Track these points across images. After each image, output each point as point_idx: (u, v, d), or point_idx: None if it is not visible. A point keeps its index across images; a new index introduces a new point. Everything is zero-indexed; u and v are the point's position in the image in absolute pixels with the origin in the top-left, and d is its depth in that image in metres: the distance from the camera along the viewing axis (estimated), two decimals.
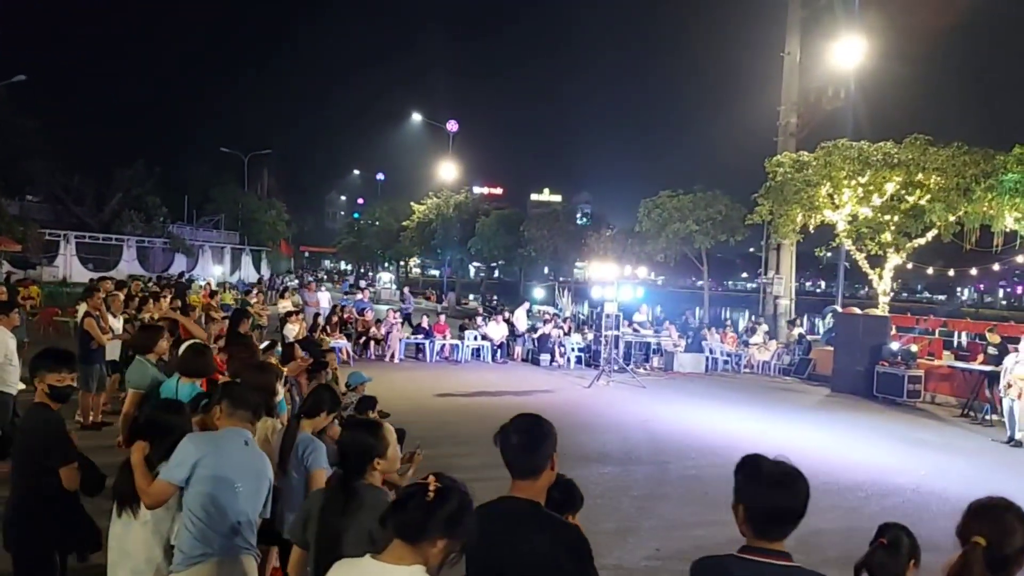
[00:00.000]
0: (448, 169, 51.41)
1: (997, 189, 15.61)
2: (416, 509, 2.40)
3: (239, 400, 3.96)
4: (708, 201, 25.60)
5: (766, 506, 2.58)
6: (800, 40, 25.64)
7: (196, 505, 3.67)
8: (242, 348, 6.18)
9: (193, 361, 5.89)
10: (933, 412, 16.39)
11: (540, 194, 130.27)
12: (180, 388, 5.76)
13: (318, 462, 4.53)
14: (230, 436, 3.84)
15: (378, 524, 2.99)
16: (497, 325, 21.45)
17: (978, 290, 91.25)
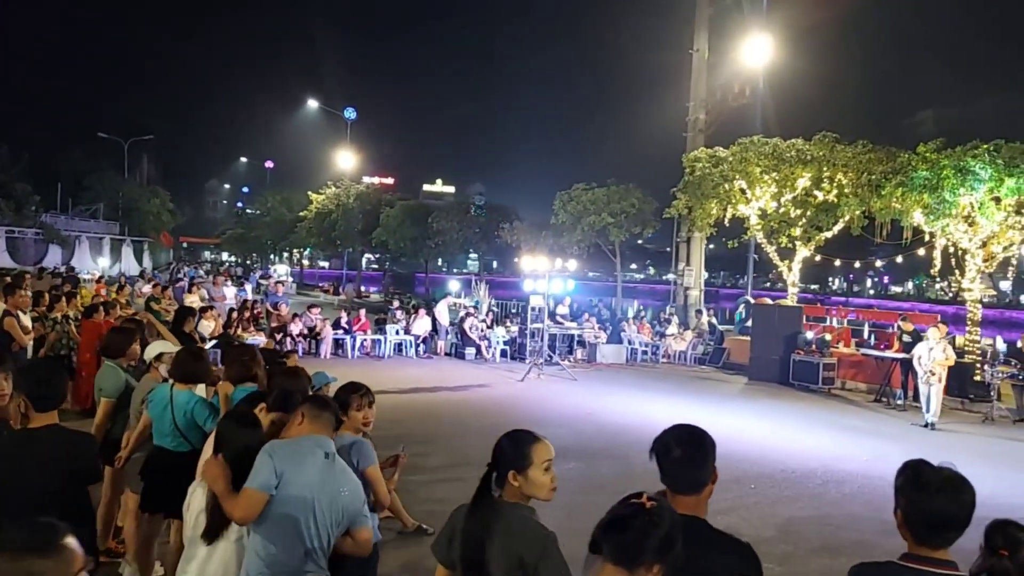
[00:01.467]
0: (346, 158, 50.22)
1: (908, 186, 16.50)
2: (636, 530, 2.22)
3: (323, 404, 3.64)
4: (621, 195, 26.01)
5: (927, 512, 2.55)
6: (708, 37, 26.38)
7: (269, 526, 3.35)
8: (241, 351, 5.73)
9: (190, 366, 5.43)
10: (848, 398, 17.24)
11: (433, 185, 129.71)
12: (176, 396, 5.30)
13: (369, 459, 4.28)
14: (310, 447, 3.47)
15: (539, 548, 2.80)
16: (420, 319, 21.09)
17: (848, 280, 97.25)
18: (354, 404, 4.44)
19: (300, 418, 3.56)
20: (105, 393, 6.02)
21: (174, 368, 5.43)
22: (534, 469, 2.96)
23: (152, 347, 6.13)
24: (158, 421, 5.34)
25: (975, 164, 15.56)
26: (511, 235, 30.48)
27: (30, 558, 1.69)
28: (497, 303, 27.38)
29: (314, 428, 3.53)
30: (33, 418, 3.81)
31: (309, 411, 3.57)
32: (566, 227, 26.65)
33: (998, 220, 15.92)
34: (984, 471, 10.83)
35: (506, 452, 2.99)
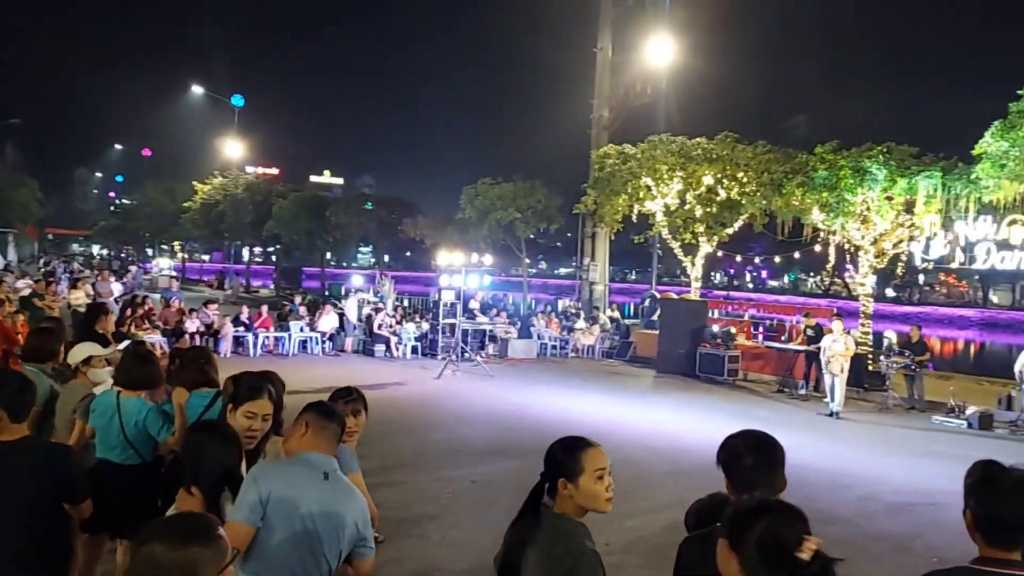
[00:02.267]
0: (234, 147, 48.18)
1: (808, 185, 17.20)
2: None
3: (329, 414, 3.25)
4: (527, 191, 26.04)
5: (998, 514, 2.55)
6: (612, 36, 26.72)
7: (257, 563, 2.95)
8: (196, 353, 5.28)
9: (139, 370, 4.96)
10: (753, 389, 17.84)
11: (320, 176, 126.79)
12: (125, 404, 4.83)
13: (351, 465, 4.00)
14: (306, 468, 3.06)
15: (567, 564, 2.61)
16: (327, 316, 20.45)
17: (728, 275, 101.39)
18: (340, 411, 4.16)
19: (303, 429, 3.17)
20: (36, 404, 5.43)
21: (121, 373, 4.94)
22: (585, 477, 2.75)
23: (78, 349, 5.57)
24: (103, 432, 4.85)
25: (871, 165, 16.38)
26: (414, 229, 30.03)
27: (193, 547, 1.77)
28: (398, 298, 26.93)
29: (316, 443, 3.15)
30: (8, 430, 3.38)
31: (314, 421, 3.17)
32: (472, 222, 26.46)
33: (890, 219, 16.81)
34: (894, 459, 11.45)
35: (557, 458, 2.79)
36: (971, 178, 15.34)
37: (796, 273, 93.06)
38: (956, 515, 2.52)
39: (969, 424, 14.11)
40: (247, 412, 3.61)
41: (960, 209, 15.90)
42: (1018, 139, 14.19)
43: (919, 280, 78.88)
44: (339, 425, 3.23)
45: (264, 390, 3.69)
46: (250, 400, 3.64)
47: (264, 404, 3.66)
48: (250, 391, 3.67)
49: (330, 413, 3.28)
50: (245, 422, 3.60)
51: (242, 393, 3.68)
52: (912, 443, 12.56)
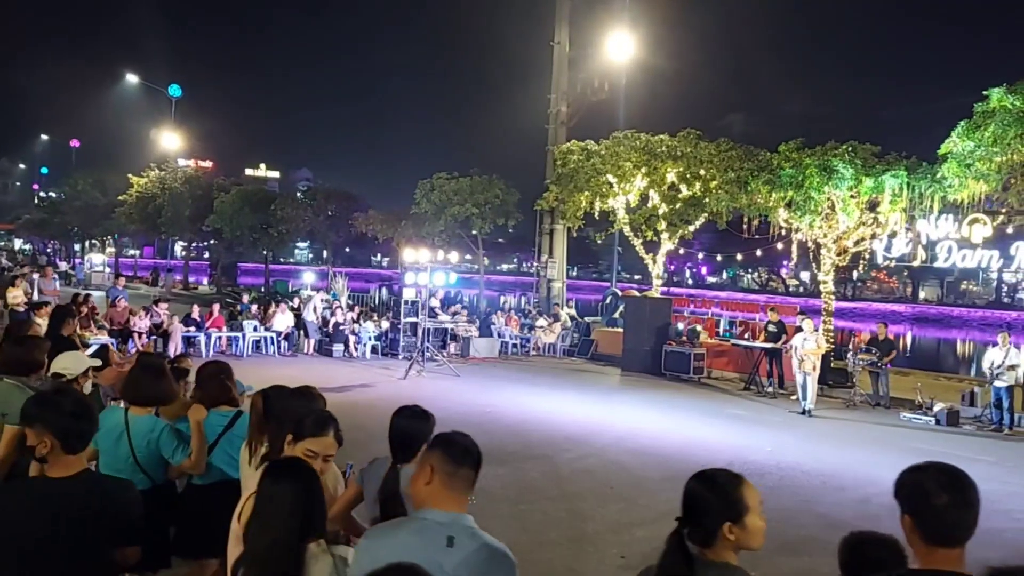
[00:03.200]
0: (171, 138, 46.45)
1: (775, 183, 17.24)
2: None
3: (462, 455, 2.56)
4: (484, 185, 25.62)
5: None
6: (569, 30, 26.48)
7: None
8: (215, 367, 4.76)
9: (150, 385, 4.46)
10: (720, 387, 17.82)
11: (256, 169, 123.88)
12: (135, 423, 4.32)
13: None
14: (423, 533, 2.43)
15: None
16: (282, 315, 19.71)
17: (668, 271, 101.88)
18: None
19: (428, 474, 2.53)
20: (12, 419, 4.85)
21: (130, 388, 4.43)
22: (751, 515, 2.41)
23: (65, 359, 4.99)
24: (110, 453, 4.32)
25: (838, 163, 16.48)
26: (366, 224, 29.31)
27: None
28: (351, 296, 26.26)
29: (443, 494, 2.51)
30: (61, 462, 2.87)
31: (442, 465, 2.53)
32: (428, 217, 25.92)
33: (856, 217, 16.97)
34: (877, 458, 11.45)
35: (710, 501, 2.41)
36: (936, 177, 15.55)
37: (735, 270, 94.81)
38: None
39: (937, 420, 14.30)
40: (308, 450, 3.17)
41: (924, 208, 16.11)
42: (983, 139, 14.41)
43: (853, 276, 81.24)
44: (472, 467, 2.59)
45: (331, 425, 3.25)
46: (314, 436, 3.19)
47: (329, 442, 3.22)
48: (316, 425, 3.22)
49: (462, 454, 2.59)
50: (297, 449, 3.18)
51: (306, 427, 3.22)
52: (889, 441, 12.61)
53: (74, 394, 3.07)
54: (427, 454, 2.63)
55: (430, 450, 2.64)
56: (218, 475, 4.46)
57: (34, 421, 2.92)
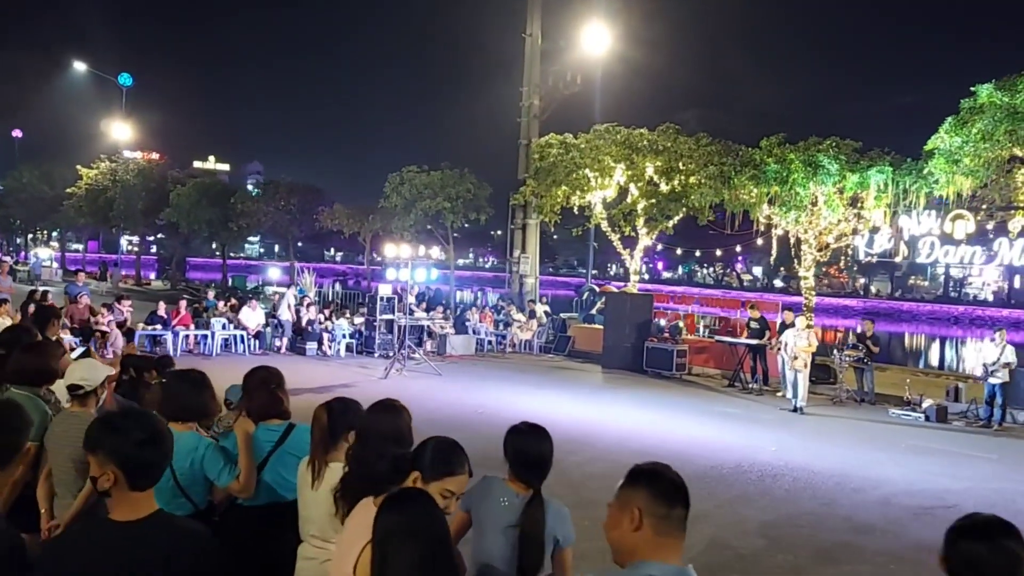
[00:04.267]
0: (121, 129, 44.75)
1: (761, 178, 17.11)
2: None
3: (673, 491, 2.18)
4: (455, 179, 25.12)
5: None
6: (541, 23, 26.09)
7: None
8: (265, 375, 4.26)
9: (190, 397, 3.96)
10: (705, 384, 17.64)
11: (205, 162, 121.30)
12: (175, 440, 3.79)
13: (570, 537, 3.20)
14: None
15: None
16: (252, 312, 18.97)
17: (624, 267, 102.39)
18: None
19: (636, 518, 2.12)
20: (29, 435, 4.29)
21: (169, 402, 3.91)
22: None
23: (81, 369, 4.44)
24: None
25: (823, 158, 16.40)
26: (332, 218, 28.56)
27: None
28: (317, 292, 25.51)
29: (663, 540, 2.13)
30: (127, 501, 2.36)
31: (651, 506, 2.13)
32: (398, 211, 25.32)
33: (840, 213, 16.93)
34: (879, 455, 11.32)
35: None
36: (923, 173, 15.56)
37: (691, 265, 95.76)
38: None
39: (927, 417, 14.30)
40: (446, 490, 2.72)
41: (909, 203, 16.13)
42: (971, 135, 14.43)
43: None
44: (685, 505, 2.19)
45: (466, 461, 2.82)
46: (450, 475, 2.75)
47: (464, 480, 2.79)
48: (455, 462, 2.77)
49: (673, 491, 2.18)
50: (441, 502, 2.71)
51: (438, 464, 2.76)
52: (887, 438, 12.51)
53: (146, 418, 2.56)
54: (629, 493, 2.20)
55: (631, 487, 2.21)
56: (267, 497, 3.96)
57: (97, 448, 2.41)
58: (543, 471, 3.21)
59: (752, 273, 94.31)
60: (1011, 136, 13.91)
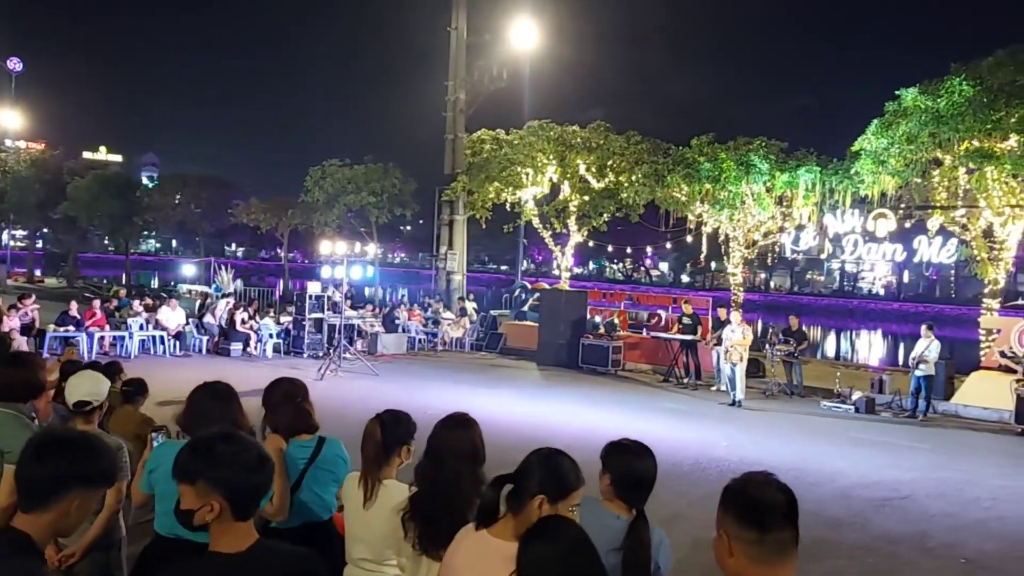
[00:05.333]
0: (11, 117, 41.86)
1: (693, 177, 17.37)
2: None
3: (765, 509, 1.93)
4: (380, 174, 24.58)
5: None
6: (467, 16, 25.80)
7: None
8: (291, 387, 3.95)
9: (217, 410, 3.62)
10: (640, 380, 17.79)
11: (95, 152, 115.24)
12: None
13: (670, 565, 3.02)
14: None
15: None
16: (172, 311, 18.02)
17: (536, 262, 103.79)
18: None
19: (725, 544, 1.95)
20: (14, 457, 3.83)
21: (196, 417, 3.56)
22: None
23: (85, 383, 4.02)
24: (171, 499, 3.42)
25: (754, 158, 16.79)
26: (247, 213, 27.50)
27: None
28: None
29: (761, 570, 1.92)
30: (232, 533, 2.11)
31: (738, 530, 1.93)
32: (319, 206, 24.59)
33: (771, 211, 17.37)
34: (826, 448, 11.62)
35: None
36: (849, 173, 16.10)
37: (601, 261, 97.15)
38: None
39: (856, 409, 14.81)
40: (572, 507, 2.52)
41: (836, 202, 16.68)
42: (896, 137, 15.02)
43: (711, 266, 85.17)
44: (784, 524, 1.95)
45: (578, 469, 2.61)
46: (574, 490, 2.54)
47: (580, 493, 2.58)
48: (568, 477, 2.56)
49: (766, 510, 1.93)
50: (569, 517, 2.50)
51: (559, 481, 2.53)
52: (828, 431, 12.88)
53: (245, 441, 2.26)
54: (720, 514, 2.00)
55: (721, 508, 2.00)
56: (301, 517, 3.66)
57: (197, 477, 2.12)
58: (648, 491, 3.02)
59: (659, 269, 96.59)
60: (933, 139, 14.54)
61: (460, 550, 2.61)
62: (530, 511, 2.48)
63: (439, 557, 3.06)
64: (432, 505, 3.04)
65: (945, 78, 14.52)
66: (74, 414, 3.92)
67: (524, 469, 2.60)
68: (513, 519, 2.52)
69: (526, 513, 2.48)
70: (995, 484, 9.72)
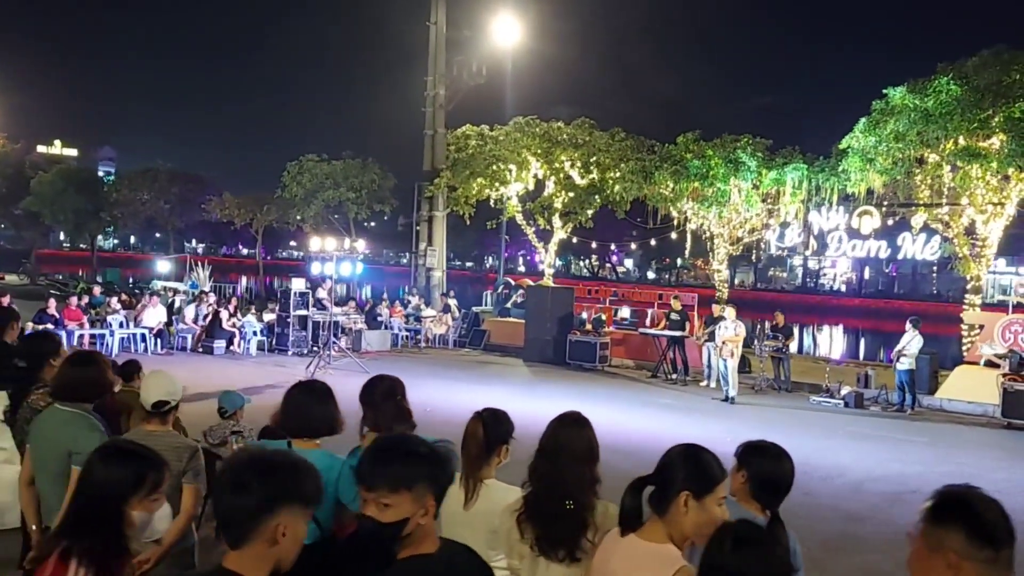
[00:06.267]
0: None
1: (682, 174, 17.44)
2: None
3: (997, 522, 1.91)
4: (358, 169, 24.29)
5: None
6: (446, 11, 25.59)
7: None
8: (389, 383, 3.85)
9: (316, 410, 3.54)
10: (627, 376, 17.85)
11: (50, 146, 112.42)
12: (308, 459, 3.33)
13: (802, 570, 2.97)
14: None
15: None
16: (153, 308, 17.61)
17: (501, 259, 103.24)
18: None
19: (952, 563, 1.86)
20: (83, 459, 3.68)
21: (295, 416, 3.47)
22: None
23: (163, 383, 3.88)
24: None
25: (743, 155, 16.92)
26: (222, 208, 26.99)
27: None
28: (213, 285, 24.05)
29: None
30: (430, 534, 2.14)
31: (968, 548, 1.85)
32: (297, 202, 24.22)
33: (758, 208, 17.52)
34: (826, 443, 11.75)
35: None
36: (836, 171, 16.30)
37: (567, 258, 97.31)
38: None
39: (846, 403, 15.01)
40: (720, 499, 2.46)
41: (822, 199, 16.87)
42: (884, 136, 15.24)
43: (678, 263, 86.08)
44: (1010, 542, 1.89)
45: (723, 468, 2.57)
46: (719, 483, 2.49)
47: (725, 485, 2.53)
48: (713, 469, 2.50)
49: (1001, 525, 1.89)
50: (719, 512, 2.44)
51: (703, 474, 2.48)
52: (822, 425, 13.05)
53: (419, 439, 2.22)
54: (939, 532, 1.91)
55: (941, 525, 1.91)
56: None
57: (415, 482, 2.08)
58: (784, 495, 2.98)
59: (624, 265, 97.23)
60: (921, 137, 14.78)
61: (614, 558, 2.54)
62: (676, 510, 2.42)
63: (558, 559, 2.99)
64: (551, 506, 2.97)
65: (932, 77, 14.77)
66: (150, 415, 3.77)
67: (664, 467, 2.54)
68: (660, 520, 2.45)
69: (673, 513, 2.43)
70: (998, 477, 9.89)
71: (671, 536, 2.43)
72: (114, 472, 2.60)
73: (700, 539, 2.32)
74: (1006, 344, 14.91)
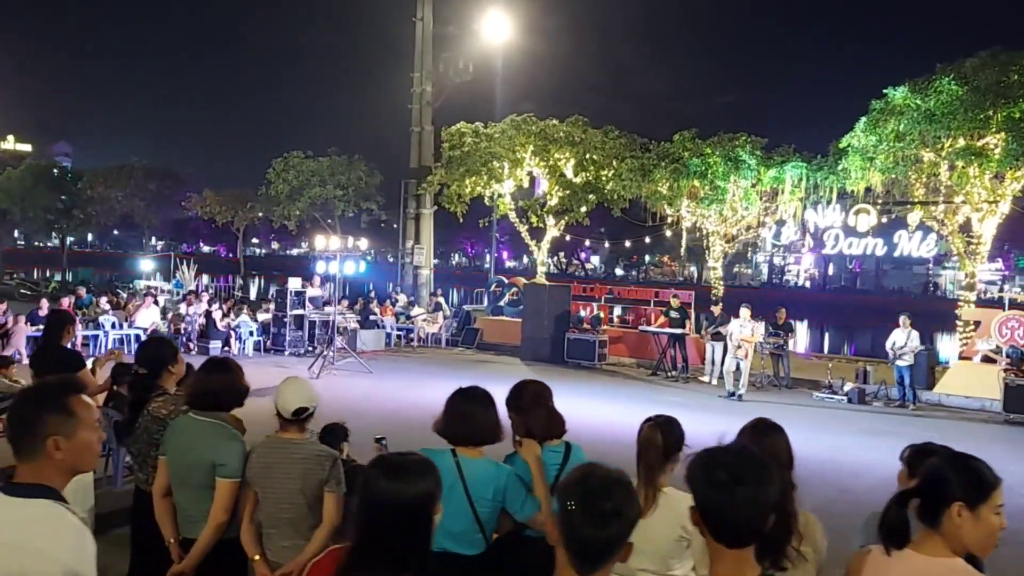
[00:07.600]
0: None
1: (681, 173, 17.51)
2: None
3: None
4: (345, 166, 24.00)
5: None
6: (433, 7, 25.40)
7: None
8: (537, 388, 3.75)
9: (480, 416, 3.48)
10: (627, 373, 17.88)
11: (3, 141, 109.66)
12: (471, 468, 3.29)
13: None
14: None
15: None
16: (147, 309, 17.20)
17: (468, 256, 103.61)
18: None
19: None
20: (230, 471, 3.57)
21: (453, 423, 3.38)
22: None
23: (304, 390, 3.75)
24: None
25: (743, 154, 17.04)
26: (202, 206, 26.46)
27: None
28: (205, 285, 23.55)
29: None
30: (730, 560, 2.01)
31: None
32: (282, 199, 23.84)
33: (758, 207, 17.67)
34: (844, 440, 11.88)
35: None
36: (836, 169, 16.50)
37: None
38: None
39: (849, 399, 15.20)
40: (997, 507, 2.39)
41: (820, 197, 17.07)
42: (884, 135, 15.46)
43: (646, 260, 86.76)
44: None
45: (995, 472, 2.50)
46: (995, 488, 2.40)
47: (1001, 491, 2.47)
48: (986, 475, 2.42)
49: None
50: (996, 521, 2.36)
51: (977, 482, 2.39)
52: (836, 422, 13.21)
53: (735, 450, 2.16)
54: None
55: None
56: None
57: None
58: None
59: (592, 263, 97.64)
60: (923, 137, 15.02)
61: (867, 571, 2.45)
62: (950, 522, 2.34)
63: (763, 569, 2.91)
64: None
65: (933, 78, 15.03)
66: (288, 423, 3.64)
67: (931, 477, 2.45)
68: (936, 534, 2.36)
69: (947, 525, 2.35)
70: (1019, 470, 10.08)
71: (954, 550, 2.34)
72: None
73: (982, 551, 2.26)
74: (1003, 340, 15.23)
